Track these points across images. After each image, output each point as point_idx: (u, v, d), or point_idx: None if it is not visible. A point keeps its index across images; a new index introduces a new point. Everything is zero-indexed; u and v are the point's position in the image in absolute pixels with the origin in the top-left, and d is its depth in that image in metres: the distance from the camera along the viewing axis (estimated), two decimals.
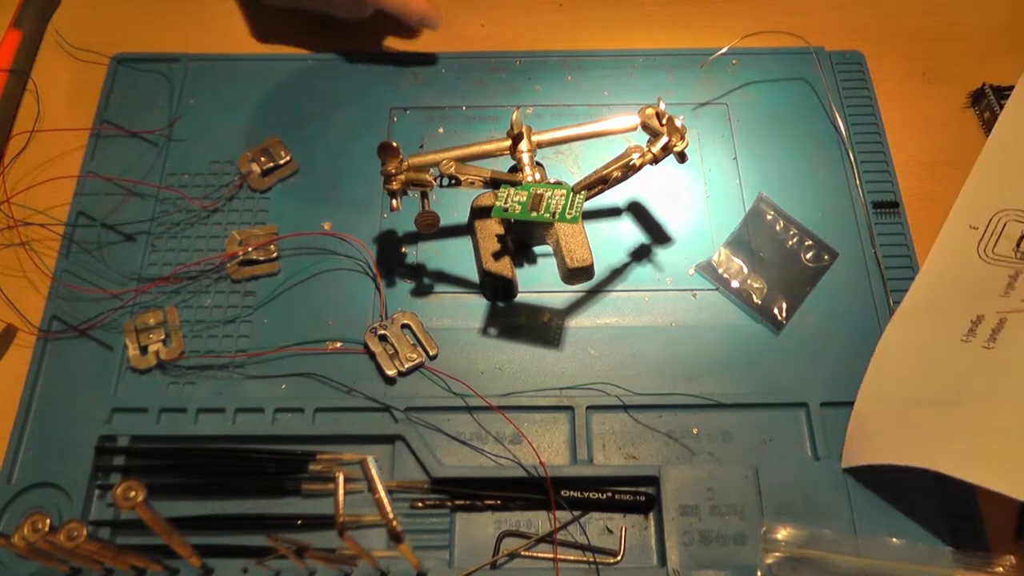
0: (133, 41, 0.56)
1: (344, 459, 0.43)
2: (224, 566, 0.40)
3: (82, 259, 0.48)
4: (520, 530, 0.41)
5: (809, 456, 0.43)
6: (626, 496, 0.42)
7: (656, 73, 0.55)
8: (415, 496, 0.42)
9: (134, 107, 0.53)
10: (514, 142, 0.46)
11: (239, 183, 0.50)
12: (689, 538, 0.41)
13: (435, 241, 0.49)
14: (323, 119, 0.53)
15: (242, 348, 0.46)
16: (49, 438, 0.43)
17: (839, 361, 0.45)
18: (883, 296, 0.47)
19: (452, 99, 0.54)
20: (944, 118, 0.54)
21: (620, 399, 0.44)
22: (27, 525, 0.32)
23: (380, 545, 0.41)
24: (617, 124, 0.47)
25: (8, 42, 0.55)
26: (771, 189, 0.51)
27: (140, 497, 0.31)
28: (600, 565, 0.40)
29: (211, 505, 0.42)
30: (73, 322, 0.46)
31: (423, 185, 0.44)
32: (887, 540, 0.40)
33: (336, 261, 0.49)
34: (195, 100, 0.54)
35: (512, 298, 0.47)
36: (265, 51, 0.56)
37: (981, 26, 0.57)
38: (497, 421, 0.44)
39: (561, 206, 0.42)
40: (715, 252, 0.49)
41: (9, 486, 0.42)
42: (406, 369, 0.45)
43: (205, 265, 0.48)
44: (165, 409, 0.44)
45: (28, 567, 0.40)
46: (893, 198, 0.50)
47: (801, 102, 0.54)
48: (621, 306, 0.47)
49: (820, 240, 0.49)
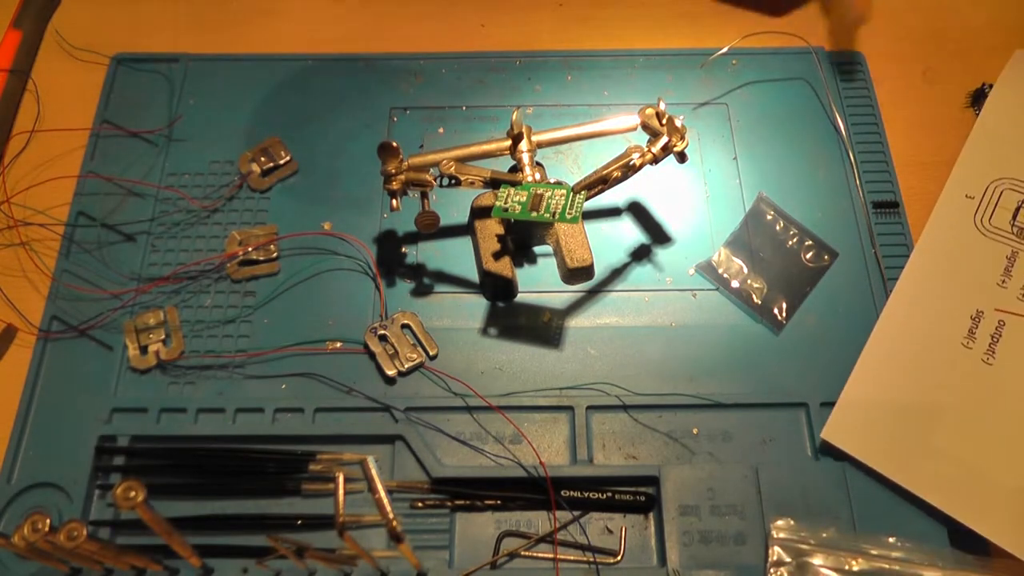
0: (133, 41, 0.56)
1: (344, 459, 0.43)
2: (224, 566, 0.40)
3: (82, 259, 0.48)
4: (520, 530, 0.41)
5: (809, 456, 0.43)
6: (626, 496, 0.42)
7: (656, 73, 0.55)
8: (415, 496, 0.42)
9: (134, 107, 0.53)
10: (514, 142, 0.46)
11: (239, 183, 0.50)
12: (689, 538, 0.41)
13: (435, 241, 0.49)
14: (323, 119, 0.53)
15: (242, 348, 0.46)
16: (49, 438, 0.43)
17: (839, 361, 0.45)
18: (883, 296, 0.47)
19: (452, 99, 0.54)
20: (944, 118, 0.54)
21: (620, 399, 0.44)
22: (27, 525, 0.32)
23: (380, 545, 0.41)
24: (617, 124, 0.47)
25: (8, 42, 0.55)
26: (771, 189, 0.51)
27: (140, 497, 0.31)
28: (600, 565, 0.40)
29: (211, 505, 0.42)
30: (73, 322, 0.46)
31: (423, 185, 0.44)
32: (887, 540, 0.40)
33: (336, 261, 0.49)
34: (195, 100, 0.54)
35: (512, 298, 0.47)
36: (265, 51, 0.56)
37: (981, 26, 0.57)
38: (497, 421, 0.44)
39: (561, 206, 0.42)
40: (715, 252, 0.49)
41: (9, 486, 0.42)
42: (406, 369, 0.45)
43: (205, 265, 0.48)
44: (165, 409, 0.44)
45: (28, 567, 0.40)
46: (893, 198, 0.50)
47: (801, 102, 0.54)
48: (621, 306, 0.47)
49: (820, 240, 0.49)
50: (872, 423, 0.43)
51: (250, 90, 0.54)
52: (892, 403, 0.43)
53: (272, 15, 0.58)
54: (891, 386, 0.44)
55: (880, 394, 0.44)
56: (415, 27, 0.57)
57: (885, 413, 0.43)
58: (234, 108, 0.53)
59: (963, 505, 0.40)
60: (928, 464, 0.41)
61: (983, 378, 0.44)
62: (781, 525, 0.40)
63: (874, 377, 0.44)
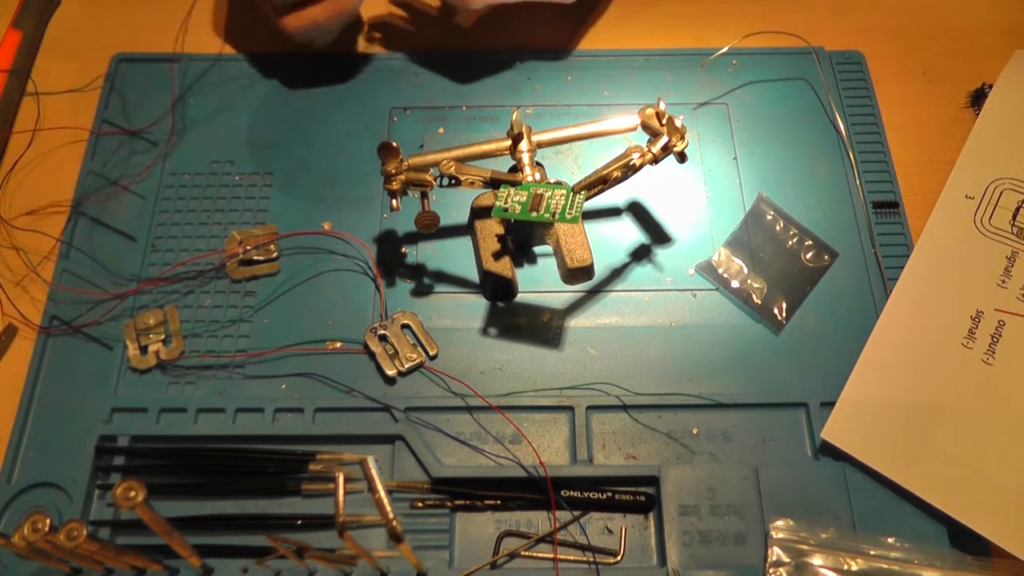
0: (133, 41, 0.56)
1: (344, 459, 0.43)
2: (224, 566, 0.40)
3: (82, 259, 0.48)
4: (520, 530, 0.41)
5: (809, 456, 0.43)
6: (626, 496, 0.42)
7: (656, 73, 0.55)
8: (415, 496, 0.42)
9: (134, 107, 0.53)
10: (514, 142, 0.46)
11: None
12: (689, 538, 0.41)
13: (435, 241, 0.49)
14: (323, 119, 0.53)
15: (242, 348, 0.46)
16: (49, 438, 0.43)
17: (839, 361, 0.45)
18: (883, 296, 0.47)
19: (452, 99, 0.54)
20: (944, 118, 0.54)
21: (620, 399, 0.44)
22: (27, 525, 0.32)
23: (380, 545, 0.41)
24: (617, 124, 0.47)
25: (8, 42, 0.54)
26: (771, 189, 0.51)
27: (140, 497, 0.31)
28: (600, 565, 0.40)
29: (211, 505, 0.42)
30: (73, 322, 0.46)
31: (423, 185, 0.44)
32: (887, 540, 0.40)
33: (336, 261, 0.49)
34: (195, 100, 0.54)
35: (512, 298, 0.47)
36: (265, 51, 0.56)
37: (981, 26, 0.57)
38: (497, 421, 0.44)
39: (561, 206, 0.42)
40: (715, 252, 0.49)
41: (9, 486, 0.42)
42: (406, 369, 0.45)
43: (205, 265, 0.48)
44: (165, 409, 0.44)
45: (28, 567, 0.40)
46: (893, 198, 0.50)
47: (801, 102, 0.54)
48: (621, 306, 0.47)
49: (820, 240, 0.49)
50: (872, 423, 0.43)
51: (250, 90, 0.54)
52: (892, 403, 0.43)
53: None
54: (891, 386, 0.44)
55: (880, 394, 0.44)
56: (415, 27, 0.57)
57: (885, 413, 0.43)
58: (234, 108, 0.53)
59: (963, 505, 0.40)
60: (928, 464, 0.41)
61: (983, 378, 0.44)
62: (781, 525, 0.40)
63: (874, 377, 0.44)
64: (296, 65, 0.55)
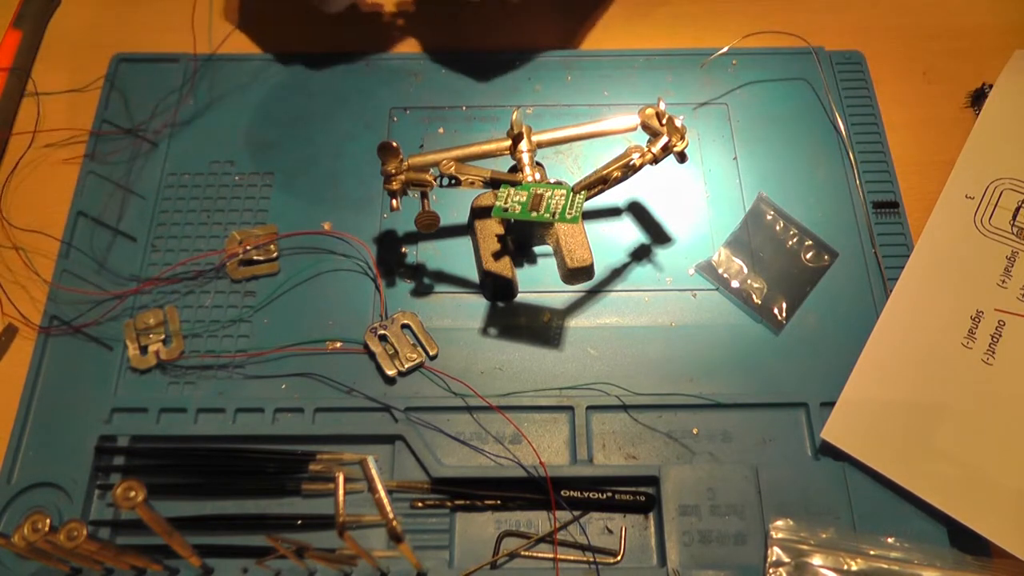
0: (133, 41, 0.56)
1: (344, 459, 0.43)
2: (224, 566, 0.40)
3: (82, 259, 0.48)
4: (520, 530, 0.41)
5: (809, 456, 0.43)
6: (626, 496, 0.42)
7: (656, 73, 0.55)
8: (415, 496, 0.42)
9: (134, 107, 0.53)
10: (514, 142, 0.46)
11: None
12: (689, 538, 0.41)
13: (435, 241, 0.49)
14: (323, 119, 0.53)
15: (242, 348, 0.46)
16: (49, 438, 0.43)
17: (839, 361, 0.45)
18: (883, 296, 0.47)
19: (452, 99, 0.54)
20: (944, 118, 0.54)
21: (620, 399, 0.44)
22: (27, 525, 0.32)
23: (380, 545, 0.41)
24: (617, 124, 0.47)
25: (8, 42, 0.55)
26: (771, 189, 0.51)
27: (140, 497, 0.31)
28: (600, 565, 0.40)
29: (211, 505, 0.42)
30: (73, 322, 0.46)
31: (423, 185, 0.44)
32: (887, 540, 0.40)
33: (336, 261, 0.49)
34: (195, 100, 0.54)
35: (512, 298, 0.47)
36: (265, 51, 0.56)
37: (981, 26, 0.57)
38: (497, 421, 0.44)
39: (561, 206, 0.42)
40: (715, 252, 0.49)
41: (9, 486, 0.42)
42: (406, 369, 0.45)
43: (205, 265, 0.48)
44: (165, 409, 0.44)
45: (28, 567, 0.40)
46: (893, 198, 0.50)
47: (801, 102, 0.54)
48: (621, 306, 0.47)
49: (820, 240, 0.49)
50: (872, 423, 0.43)
51: (250, 90, 0.54)
52: (892, 403, 0.43)
53: (272, 15, 0.58)
54: (891, 386, 0.44)
55: (880, 394, 0.44)
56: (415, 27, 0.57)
57: (885, 413, 0.43)
58: (234, 108, 0.53)
59: (963, 505, 0.40)
60: (928, 464, 0.41)
61: (983, 378, 0.44)
62: (780, 525, 0.40)
63: (874, 377, 0.44)
64: (296, 65, 0.55)
